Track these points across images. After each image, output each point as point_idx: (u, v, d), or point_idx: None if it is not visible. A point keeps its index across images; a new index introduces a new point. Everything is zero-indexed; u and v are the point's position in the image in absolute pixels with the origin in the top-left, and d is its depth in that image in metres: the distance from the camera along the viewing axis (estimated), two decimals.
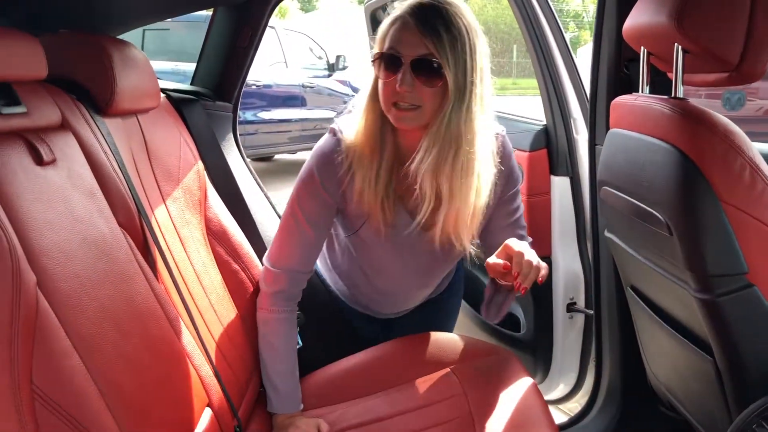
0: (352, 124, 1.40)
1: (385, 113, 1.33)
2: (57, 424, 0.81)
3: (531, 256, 1.23)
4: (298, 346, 1.63)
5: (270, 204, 1.90)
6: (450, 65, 1.26)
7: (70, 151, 1.09)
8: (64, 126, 1.12)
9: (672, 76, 1.24)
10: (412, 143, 1.36)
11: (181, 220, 1.42)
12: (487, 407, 1.36)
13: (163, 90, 1.66)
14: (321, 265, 1.70)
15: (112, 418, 0.91)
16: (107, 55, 1.24)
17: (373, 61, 1.33)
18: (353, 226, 1.46)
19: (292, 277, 1.43)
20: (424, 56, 1.27)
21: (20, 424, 0.76)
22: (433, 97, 1.29)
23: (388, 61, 1.30)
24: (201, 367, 1.23)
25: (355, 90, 7.65)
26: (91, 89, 1.24)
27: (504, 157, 1.42)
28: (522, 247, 1.23)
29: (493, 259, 1.25)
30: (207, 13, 2.08)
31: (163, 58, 5.71)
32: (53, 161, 1.02)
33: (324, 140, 1.43)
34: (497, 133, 1.40)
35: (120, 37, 1.63)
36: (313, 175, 1.41)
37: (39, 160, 0.99)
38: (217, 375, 1.26)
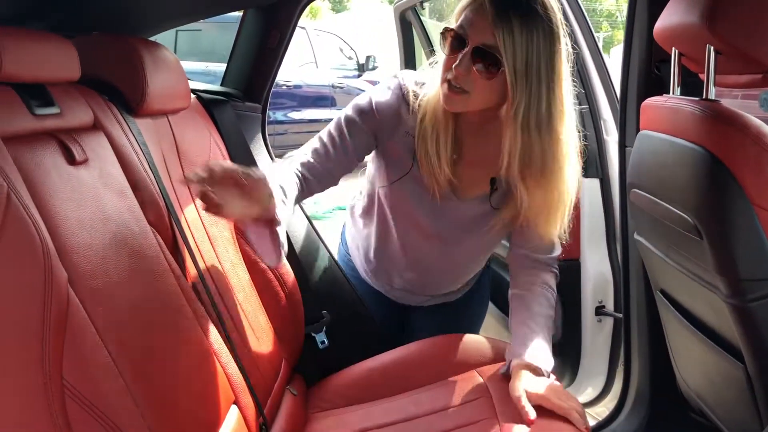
0: (424, 82, 1.39)
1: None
2: (86, 419, 0.83)
3: (559, 399, 1.25)
4: (324, 346, 1.65)
5: (299, 205, 1.91)
6: (516, 63, 1.22)
7: (101, 151, 1.11)
8: (96, 126, 1.14)
9: (704, 77, 1.22)
10: (467, 121, 1.37)
11: (209, 219, 1.44)
12: (513, 409, 1.35)
13: (194, 91, 1.69)
14: (349, 240, 1.70)
15: (139, 414, 0.92)
16: (138, 57, 1.26)
17: (442, 33, 1.31)
18: (391, 176, 1.45)
19: (305, 162, 1.39)
20: (487, 46, 1.23)
21: (51, 419, 0.77)
22: (485, 88, 1.26)
23: (453, 39, 1.27)
24: (228, 364, 1.24)
25: None
26: (122, 90, 1.26)
27: None
28: (552, 395, 1.25)
29: (523, 397, 1.25)
30: (238, 14, 2.10)
31: (195, 58, 5.78)
32: (85, 161, 1.04)
33: (386, 80, 1.43)
34: None
35: (153, 38, 1.66)
36: (374, 100, 1.40)
37: (71, 160, 1.01)
38: (243, 373, 1.27)
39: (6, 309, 0.75)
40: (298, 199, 1.36)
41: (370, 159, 1.53)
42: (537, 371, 1.30)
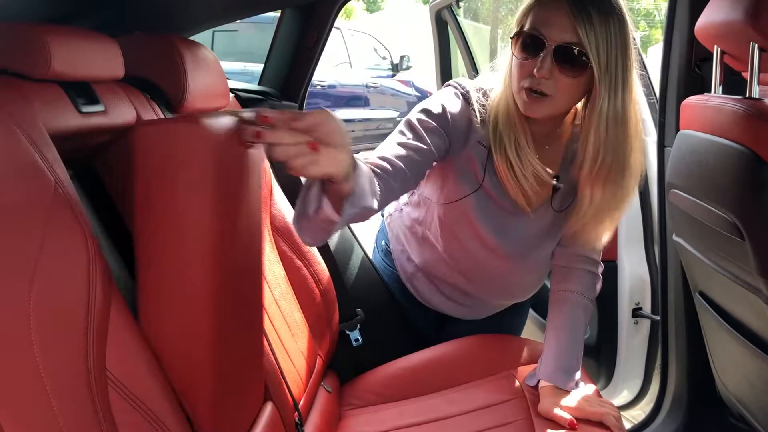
0: (489, 85, 1.34)
1: (514, 95, 1.26)
2: (128, 409, 0.85)
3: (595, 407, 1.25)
4: (358, 344, 1.66)
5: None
6: (600, 57, 1.17)
7: None
8: (138, 124, 1.17)
9: (747, 75, 1.20)
10: (535, 128, 1.31)
11: None
12: None
13: (232, 90, 1.71)
14: (394, 244, 1.64)
15: (179, 407, 0.94)
16: (179, 56, 1.28)
17: (511, 38, 1.25)
18: (456, 192, 1.37)
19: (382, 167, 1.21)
20: (570, 44, 1.18)
21: (94, 408, 0.79)
22: (569, 89, 1.22)
23: (528, 42, 1.21)
24: (263, 360, 1.25)
25: (419, 90, 7.61)
26: (164, 88, 1.28)
27: None
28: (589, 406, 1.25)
29: (556, 411, 1.25)
30: (275, 14, 2.13)
31: (232, 58, 5.85)
32: None
33: (448, 89, 1.35)
34: None
35: (191, 38, 1.68)
36: (446, 106, 1.30)
37: None
38: (279, 368, 1.29)
39: (53, 301, 0.77)
40: (382, 194, 1.14)
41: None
42: (564, 391, 1.30)
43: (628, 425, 1.92)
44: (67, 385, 0.77)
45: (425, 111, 1.30)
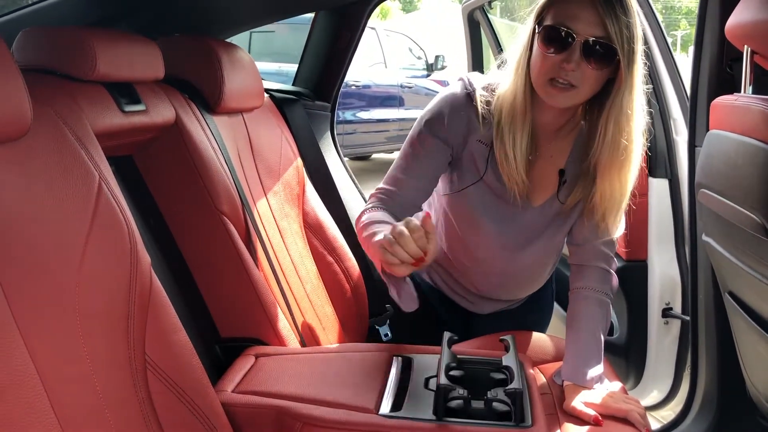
0: (497, 80, 1.37)
1: (534, 86, 1.29)
2: (165, 392, 0.89)
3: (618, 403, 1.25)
4: (387, 339, 1.68)
5: (364, 200, 1.96)
6: (624, 51, 1.21)
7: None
8: (176, 123, 1.22)
9: None
10: (546, 121, 1.35)
11: (280, 213, 1.50)
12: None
13: (267, 90, 1.76)
14: None
15: (214, 392, 0.99)
16: (217, 58, 1.33)
17: (539, 33, 1.26)
18: (459, 184, 1.42)
19: (392, 195, 1.36)
20: (600, 38, 1.21)
21: (135, 389, 0.84)
22: (594, 81, 1.25)
23: (555, 36, 1.23)
24: None
25: None
26: (202, 89, 1.33)
27: None
28: (611, 402, 1.25)
29: (581, 407, 1.25)
30: (310, 15, 2.16)
31: (268, 59, 5.91)
32: None
33: (454, 86, 1.39)
34: None
35: (229, 39, 1.74)
36: (444, 111, 1.35)
37: None
38: None
39: (98, 287, 0.82)
40: None
41: None
42: (589, 388, 1.31)
43: (657, 425, 1.91)
44: (109, 367, 0.82)
45: (427, 124, 1.37)
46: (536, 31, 1.27)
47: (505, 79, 1.35)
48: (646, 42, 1.86)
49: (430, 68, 7.98)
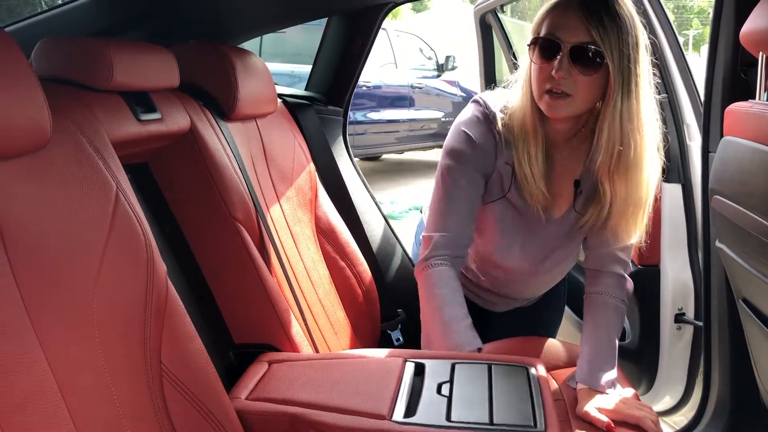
0: (509, 101, 1.38)
1: (535, 100, 1.31)
2: (181, 401, 0.90)
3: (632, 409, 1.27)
4: (399, 343, 1.69)
5: (376, 205, 1.97)
6: (613, 55, 1.23)
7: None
8: (191, 130, 1.23)
9: None
10: (557, 133, 1.36)
11: (293, 218, 1.51)
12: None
13: (280, 95, 1.77)
14: None
15: (228, 399, 0.99)
16: (231, 64, 1.34)
17: (529, 46, 1.30)
18: (486, 197, 1.43)
19: (448, 240, 1.38)
20: (584, 43, 1.23)
21: (151, 398, 0.85)
22: (587, 87, 1.26)
23: (545, 46, 1.26)
24: None
25: (464, 90, 7.51)
26: (216, 96, 1.34)
27: None
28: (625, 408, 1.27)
29: (593, 412, 1.26)
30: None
31: (280, 60, 5.93)
32: None
33: (473, 110, 1.40)
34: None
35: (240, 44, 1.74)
36: (470, 138, 1.37)
37: None
38: None
39: (115, 296, 0.83)
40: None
41: None
42: (601, 393, 1.32)
43: (670, 431, 1.91)
44: (126, 375, 0.83)
45: (455, 157, 1.38)
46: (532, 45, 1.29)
47: (514, 97, 1.37)
48: (658, 45, 1.86)
49: (441, 69, 7.98)
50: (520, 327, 1.68)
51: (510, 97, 1.38)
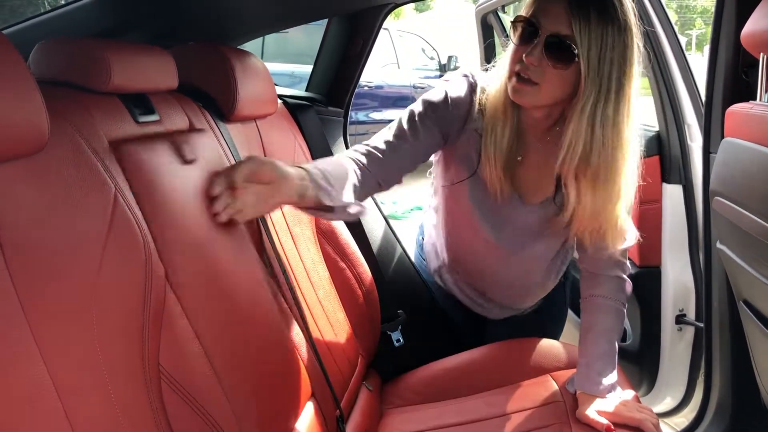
0: (489, 80, 1.37)
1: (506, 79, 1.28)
2: (179, 403, 0.90)
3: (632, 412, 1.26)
4: (399, 344, 1.69)
5: (376, 206, 1.97)
6: (589, 55, 1.18)
7: (207, 153, 1.18)
8: (197, 130, 1.22)
9: None
10: (530, 119, 1.34)
11: (293, 219, 1.50)
12: None
13: (280, 96, 1.76)
14: (426, 237, 1.70)
15: (226, 401, 0.99)
16: (230, 66, 1.33)
17: (511, 23, 1.28)
18: (455, 176, 1.43)
19: (375, 157, 1.33)
20: (562, 35, 1.19)
21: (149, 400, 0.85)
22: (555, 81, 1.23)
23: (525, 27, 1.23)
24: (307, 358, 1.30)
25: None
26: (215, 97, 1.34)
27: None
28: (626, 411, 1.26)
29: (593, 415, 1.26)
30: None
31: (282, 60, 5.94)
32: (194, 161, 1.11)
33: (460, 77, 1.40)
34: None
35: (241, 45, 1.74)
36: (446, 96, 1.36)
37: (183, 160, 1.09)
38: (321, 367, 1.33)
39: (114, 297, 0.83)
40: (362, 187, 1.29)
41: (435, 158, 1.51)
42: (602, 396, 1.31)
43: None
44: (124, 376, 0.82)
45: (427, 102, 1.38)
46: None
47: (497, 72, 1.35)
48: (658, 46, 1.85)
49: (443, 68, 7.99)
50: (518, 336, 1.67)
51: (494, 72, 1.37)
